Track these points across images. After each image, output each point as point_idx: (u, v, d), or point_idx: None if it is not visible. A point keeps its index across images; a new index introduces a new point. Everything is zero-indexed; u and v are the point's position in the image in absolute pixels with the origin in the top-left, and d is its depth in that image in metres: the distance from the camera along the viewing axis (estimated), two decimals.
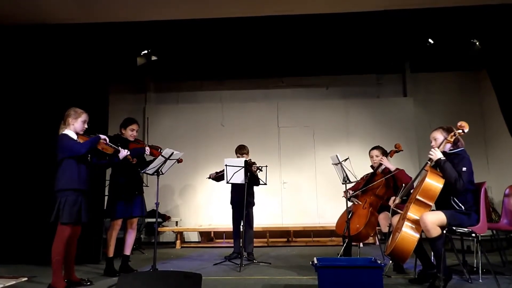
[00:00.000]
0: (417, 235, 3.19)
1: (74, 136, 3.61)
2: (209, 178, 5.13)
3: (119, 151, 3.79)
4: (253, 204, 5.03)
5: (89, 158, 3.68)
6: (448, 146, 3.41)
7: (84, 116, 3.66)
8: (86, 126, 3.68)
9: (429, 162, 3.39)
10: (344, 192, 4.47)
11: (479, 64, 6.63)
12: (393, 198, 3.79)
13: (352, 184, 4.59)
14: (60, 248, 3.42)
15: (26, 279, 3.90)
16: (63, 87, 5.05)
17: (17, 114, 5.10)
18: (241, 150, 5.02)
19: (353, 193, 4.49)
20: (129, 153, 3.87)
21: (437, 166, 3.33)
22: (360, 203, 4.39)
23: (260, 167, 4.68)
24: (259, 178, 4.84)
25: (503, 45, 4.91)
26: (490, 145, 7.23)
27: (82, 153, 3.52)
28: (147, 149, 4.17)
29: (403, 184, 3.81)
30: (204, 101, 7.75)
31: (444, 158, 3.29)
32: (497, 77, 5.10)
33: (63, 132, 3.59)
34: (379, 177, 4.37)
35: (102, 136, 3.66)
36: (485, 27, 5.06)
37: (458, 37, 5.64)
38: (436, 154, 3.32)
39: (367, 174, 4.61)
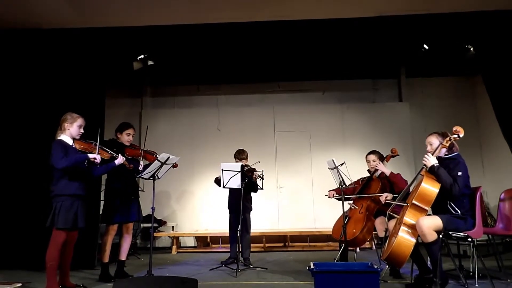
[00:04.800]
0: (414, 240, 3.20)
1: (70, 141, 3.59)
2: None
3: (116, 157, 3.78)
4: (251, 209, 5.01)
5: (86, 163, 3.66)
6: (444, 151, 3.43)
7: (80, 121, 3.64)
8: (82, 131, 3.67)
9: (424, 167, 3.40)
10: (328, 191, 4.54)
11: (474, 69, 6.68)
12: (385, 194, 3.79)
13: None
14: (54, 254, 3.40)
15: (20, 284, 3.86)
16: (59, 92, 5.04)
17: (14, 118, 5.07)
18: (240, 155, 5.00)
19: (349, 197, 4.50)
20: (125, 159, 3.86)
21: (431, 172, 3.34)
22: (357, 207, 4.40)
23: (262, 175, 4.67)
24: (257, 185, 4.83)
25: (498, 51, 4.96)
26: (485, 150, 7.27)
27: (58, 168, 3.41)
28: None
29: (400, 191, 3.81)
30: (200, 105, 7.76)
31: (438, 164, 3.30)
32: (491, 82, 5.13)
33: (58, 138, 3.58)
34: (376, 182, 4.38)
35: (91, 156, 3.53)
36: (479, 33, 5.11)
37: (452, 42, 5.69)
38: (430, 161, 3.32)
39: (363, 178, 4.62)
